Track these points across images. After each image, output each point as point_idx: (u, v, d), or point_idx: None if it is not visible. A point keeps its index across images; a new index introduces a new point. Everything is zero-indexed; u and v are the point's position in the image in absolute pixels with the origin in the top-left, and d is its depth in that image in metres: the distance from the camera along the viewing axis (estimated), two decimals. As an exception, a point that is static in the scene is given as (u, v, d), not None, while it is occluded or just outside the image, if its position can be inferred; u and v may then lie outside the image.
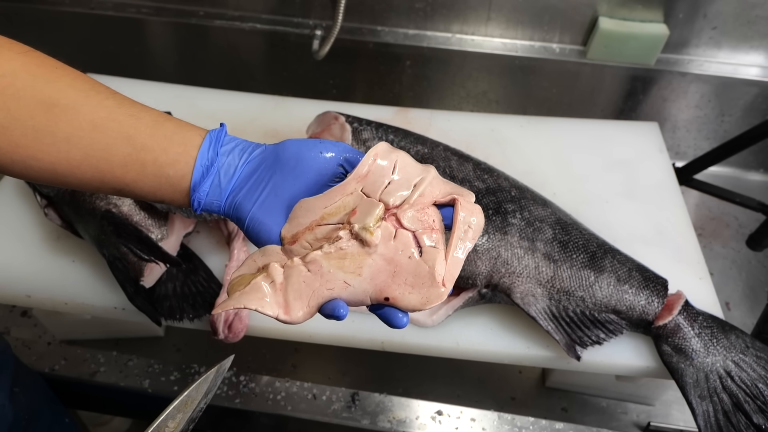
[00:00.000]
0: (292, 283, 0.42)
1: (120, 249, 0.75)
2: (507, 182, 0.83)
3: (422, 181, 0.44)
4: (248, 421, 0.77)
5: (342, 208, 0.44)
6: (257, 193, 0.45)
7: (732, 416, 0.69)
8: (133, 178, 0.44)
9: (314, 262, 0.42)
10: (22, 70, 0.42)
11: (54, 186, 0.46)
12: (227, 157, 0.45)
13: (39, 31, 1.32)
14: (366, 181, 0.44)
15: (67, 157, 0.42)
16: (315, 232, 0.44)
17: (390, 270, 0.42)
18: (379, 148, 0.44)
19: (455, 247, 0.43)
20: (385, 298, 0.42)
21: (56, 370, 0.78)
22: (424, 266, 0.42)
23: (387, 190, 0.43)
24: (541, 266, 0.75)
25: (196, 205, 0.45)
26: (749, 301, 1.15)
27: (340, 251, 0.42)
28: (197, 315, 0.78)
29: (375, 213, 0.42)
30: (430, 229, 0.43)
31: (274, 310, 0.42)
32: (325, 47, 1.17)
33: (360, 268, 0.42)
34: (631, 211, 0.93)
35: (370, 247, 0.42)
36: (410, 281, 0.42)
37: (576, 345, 0.75)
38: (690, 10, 1.15)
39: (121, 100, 0.45)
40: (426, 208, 0.44)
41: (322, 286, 0.42)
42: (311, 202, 0.44)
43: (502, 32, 1.23)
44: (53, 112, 0.41)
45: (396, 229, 0.43)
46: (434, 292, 0.41)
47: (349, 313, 0.43)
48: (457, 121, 1.06)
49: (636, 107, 1.30)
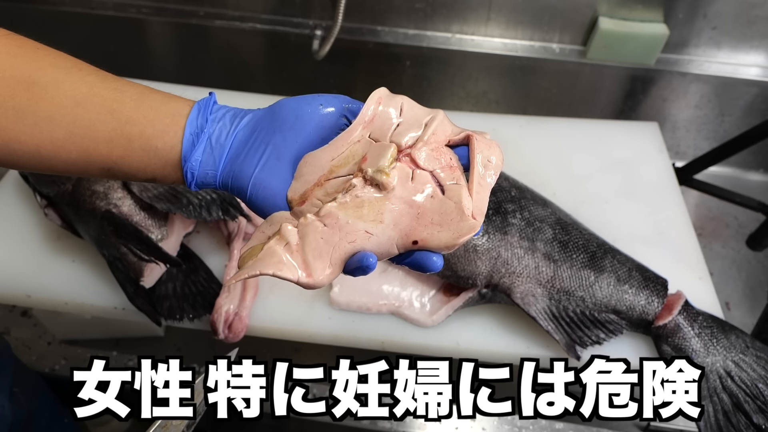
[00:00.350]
0: (309, 242, 0.38)
1: (120, 249, 0.75)
2: (507, 182, 0.83)
3: (432, 120, 0.41)
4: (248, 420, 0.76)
5: (351, 158, 0.41)
6: (257, 157, 0.42)
7: (732, 416, 0.69)
8: (120, 155, 0.42)
9: (330, 215, 0.39)
10: (2, 51, 0.41)
11: (41, 171, 0.44)
12: (218, 123, 0.43)
13: (39, 31, 1.32)
14: (372, 125, 0.41)
15: (50, 137, 0.41)
16: (325, 187, 0.40)
17: (413, 212, 0.39)
18: (381, 92, 0.42)
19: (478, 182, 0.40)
20: (413, 242, 0.39)
21: (56, 370, 0.78)
22: (450, 203, 0.39)
23: (397, 131, 0.41)
24: (541, 266, 0.75)
25: (190, 177, 0.42)
26: (749, 301, 1.15)
27: (356, 199, 0.39)
28: (197, 315, 0.78)
29: (388, 154, 0.39)
30: (449, 167, 0.40)
31: (294, 272, 0.38)
32: (325, 47, 1.17)
33: (380, 214, 0.39)
34: (631, 211, 0.93)
35: (388, 191, 0.39)
36: (437, 220, 0.39)
37: (576, 345, 0.75)
38: (690, 10, 1.15)
39: (104, 75, 0.43)
40: (440, 147, 0.41)
41: (343, 240, 0.38)
42: (317, 155, 0.41)
43: (502, 32, 1.23)
44: (33, 90, 0.40)
45: (412, 170, 0.40)
46: (465, 225, 0.38)
47: (349, 308, 0.42)
48: (457, 121, 1.05)
49: (636, 107, 1.30)
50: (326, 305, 0.80)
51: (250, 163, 0.42)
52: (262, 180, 0.41)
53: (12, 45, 0.41)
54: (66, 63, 0.42)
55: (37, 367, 0.78)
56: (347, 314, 0.80)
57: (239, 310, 0.77)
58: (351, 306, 0.79)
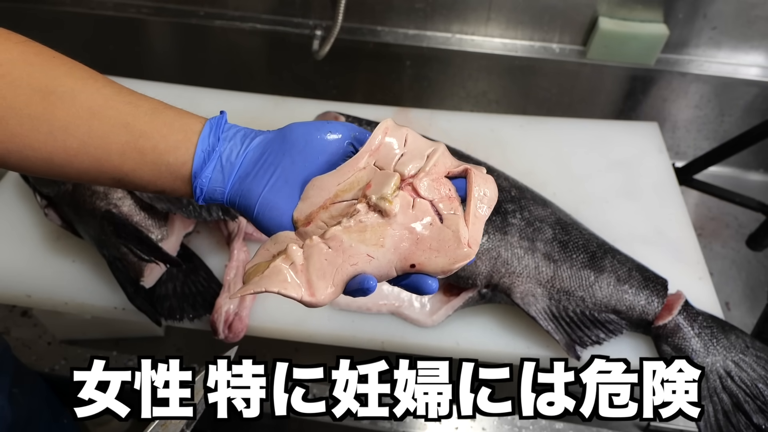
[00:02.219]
0: (313, 263, 0.40)
1: (120, 249, 0.75)
2: (507, 182, 0.83)
3: (434, 152, 0.43)
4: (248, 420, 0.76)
5: (356, 184, 0.43)
6: (266, 178, 0.43)
7: (732, 416, 0.69)
8: (132, 167, 0.43)
9: (334, 237, 0.41)
10: (20, 59, 0.41)
11: (51, 177, 0.44)
12: (229, 143, 0.44)
13: (39, 31, 1.32)
14: (378, 154, 0.43)
15: (64, 146, 0.41)
16: (330, 210, 0.43)
17: (412, 238, 0.41)
18: (388, 123, 0.44)
19: (474, 213, 0.42)
20: (411, 265, 0.41)
21: (56, 370, 0.78)
22: (447, 231, 0.41)
23: (401, 161, 0.43)
24: (541, 266, 0.75)
25: (199, 193, 0.43)
26: (749, 301, 1.15)
27: (359, 224, 0.41)
28: (197, 315, 0.78)
29: (392, 182, 0.41)
30: (448, 198, 0.42)
31: (297, 291, 0.40)
32: (325, 47, 1.17)
33: (382, 239, 0.41)
34: (630, 211, 0.93)
35: (390, 217, 0.41)
36: (435, 246, 0.41)
37: (576, 345, 0.75)
38: (690, 10, 1.15)
39: (119, 88, 0.44)
40: (440, 178, 0.43)
41: (346, 262, 0.41)
42: (324, 179, 0.43)
43: (502, 32, 1.23)
44: (50, 99, 0.41)
45: (414, 199, 0.42)
46: (461, 252, 0.41)
47: (349, 308, 0.42)
48: (457, 121, 1.06)
49: (636, 107, 1.30)
50: (326, 305, 0.80)
51: (259, 183, 0.43)
52: (270, 200, 0.43)
53: (29, 53, 0.42)
54: (82, 73, 0.43)
55: (37, 367, 0.78)
56: (347, 314, 0.80)
57: (239, 310, 0.77)
58: (351, 306, 0.79)
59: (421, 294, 0.42)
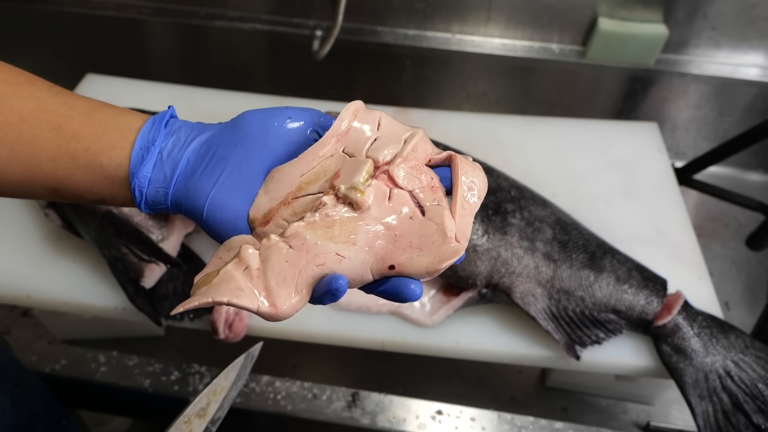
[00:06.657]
0: (272, 266, 0.34)
1: (120, 250, 0.75)
2: (507, 182, 0.83)
3: (412, 136, 0.38)
4: (248, 420, 0.77)
5: (322, 174, 0.37)
6: (216, 175, 0.37)
7: (731, 416, 0.69)
8: (65, 173, 0.38)
9: (296, 235, 0.34)
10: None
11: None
12: (172, 137, 0.38)
13: (39, 31, 1.32)
14: (347, 139, 0.37)
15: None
16: (292, 206, 0.36)
17: (390, 235, 0.35)
18: (357, 104, 0.38)
19: (461, 204, 0.36)
20: (390, 266, 0.35)
21: (56, 370, 0.78)
22: (431, 224, 0.35)
23: (374, 146, 0.37)
24: (540, 266, 0.76)
25: (138, 196, 0.38)
26: (749, 301, 1.15)
27: (326, 218, 0.35)
28: (197, 315, 0.78)
29: (364, 170, 0.35)
30: (430, 188, 0.36)
31: (254, 301, 0.34)
32: (325, 47, 1.17)
33: (353, 235, 0.35)
34: (630, 211, 0.94)
35: (362, 210, 0.35)
36: (416, 243, 0.35)
37: (576, 345, 0.75)
38: (690, 10, 1.15)
39: (57, 90, 0.40)
40: (421, 166, 0.37)
41: (310, 263, 0.34)
42: (284, 170, 0.37)
43: (501, 33, 1.23)
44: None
45: (390, 189, 0.36)
46: (447, 248, 0.34)
47: (349, 308, 0.41)
48: (456, 122, 1.06)
49: (635, 107, 1.30)
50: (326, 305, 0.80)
51: (207, 181, 0.37)
52: (221, 200, 0.37)
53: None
54: (18, 78, 0.39)
55: (38, 367, 0.78)
56: (347, 314, 0.80)
57: (240, 310, 0.77)
58: (351, 306, 0.79)
59: (403, 302, 0.35)
